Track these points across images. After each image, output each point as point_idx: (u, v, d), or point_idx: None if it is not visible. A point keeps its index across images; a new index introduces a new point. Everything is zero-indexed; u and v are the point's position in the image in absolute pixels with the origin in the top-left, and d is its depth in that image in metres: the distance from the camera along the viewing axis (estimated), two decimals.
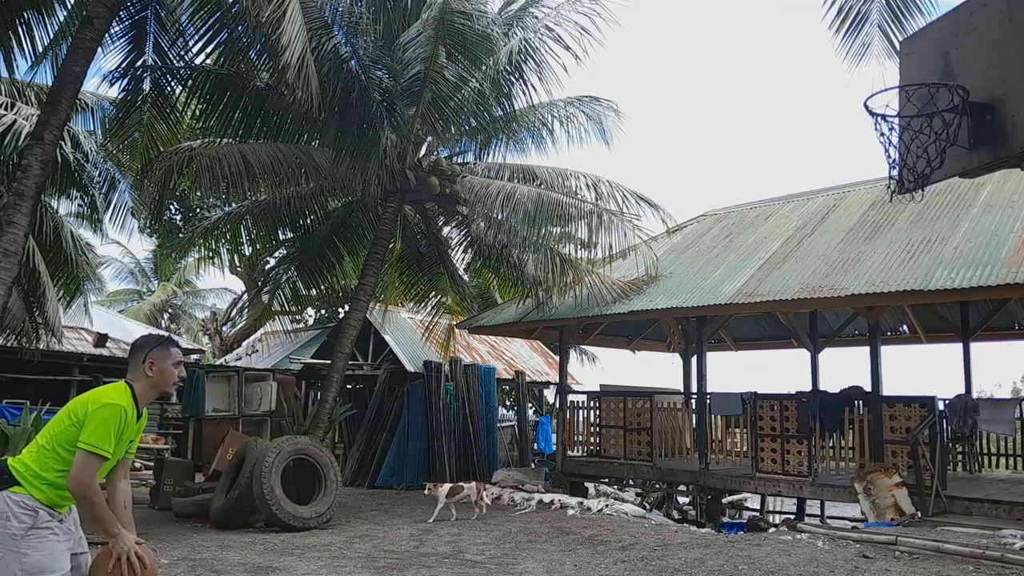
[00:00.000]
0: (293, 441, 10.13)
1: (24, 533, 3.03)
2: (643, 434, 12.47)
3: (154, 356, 3.35)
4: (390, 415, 15.52)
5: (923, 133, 4.44)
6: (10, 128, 10.18)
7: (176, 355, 3.41)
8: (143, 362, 3.34)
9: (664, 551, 7.61)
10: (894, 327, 15.27)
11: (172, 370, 3.38)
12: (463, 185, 12.51)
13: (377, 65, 11.37)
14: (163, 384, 3.37)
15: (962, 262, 9.36)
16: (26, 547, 3.03)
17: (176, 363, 3.40)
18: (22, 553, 3.02)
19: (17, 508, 3.05)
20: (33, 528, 3.05)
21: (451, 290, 14.60)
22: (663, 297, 11.85)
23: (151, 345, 3.39)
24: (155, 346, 3.38)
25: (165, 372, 3.35)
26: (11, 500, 3.06)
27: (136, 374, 3.34)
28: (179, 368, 3.42)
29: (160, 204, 12.17)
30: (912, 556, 6.96)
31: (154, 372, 3.33)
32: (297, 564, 7.16)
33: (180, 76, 10.82)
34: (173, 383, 3.42)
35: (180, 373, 3.43)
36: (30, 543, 3.04)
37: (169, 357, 3.38)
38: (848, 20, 8.02)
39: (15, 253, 7.61)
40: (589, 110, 13.44)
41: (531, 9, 12.56)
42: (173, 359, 3.39)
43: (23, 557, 3.01)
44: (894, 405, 10.11)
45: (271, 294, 14.42)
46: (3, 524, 3.03)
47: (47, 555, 3.07)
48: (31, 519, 3.06)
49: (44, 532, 3.08)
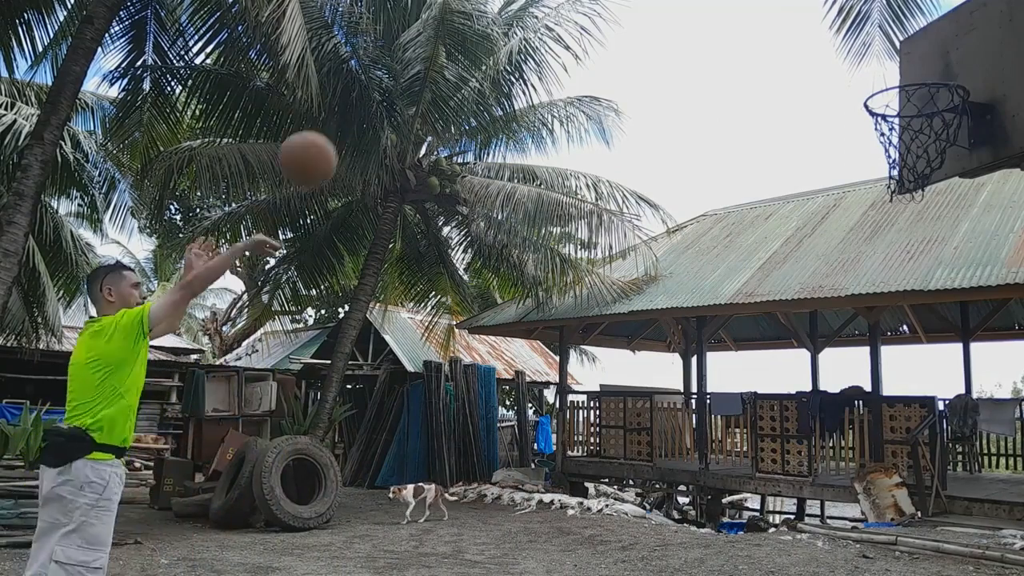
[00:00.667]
0: (293, 441, 10.14)
1: (94, 504, 3.11)
2: (643, 434, 12.47)
3: (109, 282, 3.40)
4: (390, 415, 15.52)
5: (923, 133, 4.44)
6: (10, 128, 10.18)
7: (131, 277, 3.47)
8: (101, 290, 3.40)
9: (664, 551, 7.60)
10: (894, 327, 15.27)
11: (131, 290, 3.43)
12: (463, 185, 12.51)
13: (377, 65, 11.38)
14: (126, 307, 3.38)
15: (962, 262, 9.36)
16: (94, 518, 3.11)
17: (133, 284, 3.45)
18: (90, 523, 3.10)
19: (94, 477, 3.12)
20: (102, 499, 3.14)
21: (451, 290, 14.60)
22: (663, 297, 11.85)
23: (104, 273, 3.46)
24: (108, 272, 3.46)
25: (124, 294, 3.40)
26: (91, 469, 3.13)
27: (100, 305, 3.41)
28: (138, 288, 3.46)
29: (160, 204, 12.18)
30: (912, 556, 6.96)
31: (114, 296, 3.39)
32: (297, 564, 7.15)
33: (180, 76, 10.82)
34: (136, 303, 3.42)
35: (141, 293, 3.48)
36: (98, 514, 3.13)
37: (123, 280, 3.44)
38: (849, 20, 8.03)
39: (15, 253, 7.61)
40: (589, 110, 13.44)
41: (531, 9, 12.56)
42: (129, 281, 3.44)
43: (89, 527, 3.09)
44: (894, 405, 10.11)
45: (271, 294, 14.42)
46: (78, 492, 3.09)
47: (106, 529, 3.17)
48: (102, 489, 3.14)
49: (109, 505, 3.17)
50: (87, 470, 3.12)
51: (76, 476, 3.10)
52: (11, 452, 9.92)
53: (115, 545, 7.58)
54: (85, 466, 3.12)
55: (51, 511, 3.12)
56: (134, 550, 7.64)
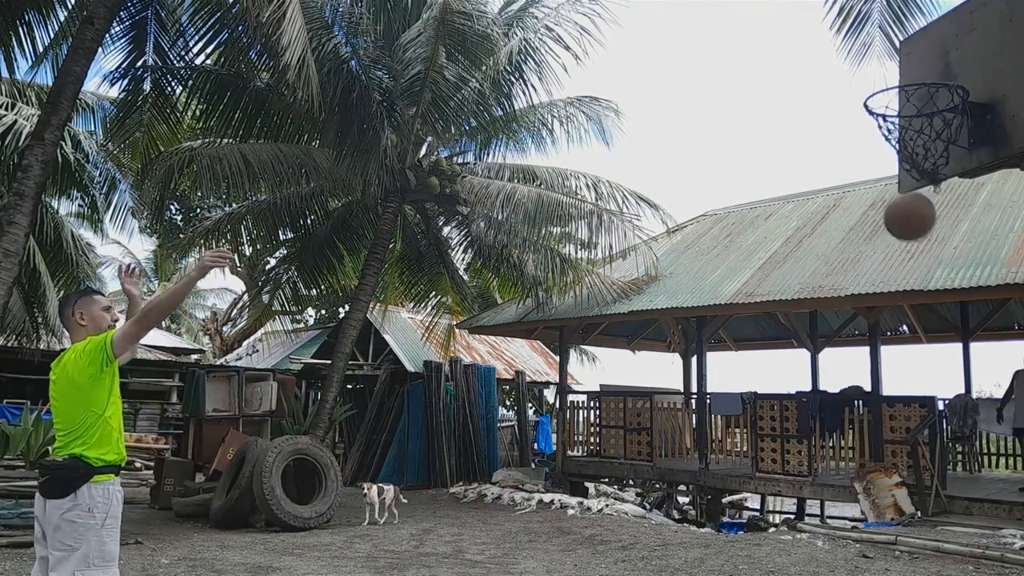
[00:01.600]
0: (293, 441, 10.14)
1: (103, 522, 3.20)
2: (643, 434, 12.48)
3: (80, 306, 3.45)
4: (390, 415, 15.52)
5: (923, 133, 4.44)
6: (11, 128, 10.18)
7: (101, 301, 3.52)
8: (72, 315, 3.45)
9: (664, 551, 7.61)
10: (894, 327, 15.27)
11: (103, 314, 3.48)
12: (463, 185, 12.51)
13: (377, 65, 11.38)
14: (99, 330, 3.42)
15: (962, 262, 9.37)
16: (105, 536, 3.21)
17: (104, 308, 3.49)
18: (102, 542, 3.19)
19: (100, 498, 3.21)
20: (109, 517, 3.23)
21: (451, 290, 14.60)
22: (663, 297, 11.85)
23: (74, 299, 3.52)
24: (78, 298, 3.51)
25: (96, 317, 3.46)
26: (95, 491, 3.21)
27: (74, 330, 3.46)
28: (110, 312, 3.51)
29: (160, 204, 12.19)
30: (912, 556, 6.97)
31: (86, 320, 3.44)
32: (297, 564, 7.16)
33: (180, 76, 10.83)
34: (108, 326, 3.47)
35: (113, 316, 3.52)
36: (108, 532, 3.22)
37: (94, 304, 3.49)
38: (849, 20, 8.02)
39: (15, 253, 7.62)
40: (589, 110, 13.44)
41: (531, 9, 12.56)
42: (99, 305, 3.49)
43: (102, 546, 3.19)
44: (894, 405, 10.12)
45: (271, 294, 14.42)
46: (88, 515, 3.18)
47: (115, 544, 3.27)
48: (108, 508, 3.23)
49: (115, 522, 3.26)
50: (93, 492, 3.22)
51: (83, 501, 3.20)
52: (11, 452, 9.92)
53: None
54: (90, 489, 3.22)
55: (60, 538, 3.19)
56: (135, 550, 7.65)
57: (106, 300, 3.57)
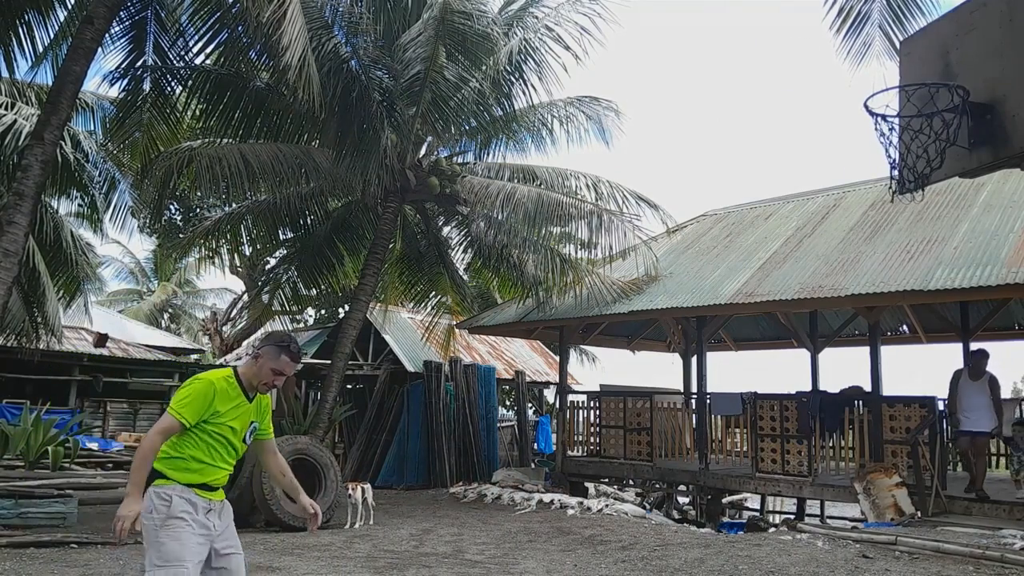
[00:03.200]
0: (293, 441, 10.14)
1: (163, 523, 3.22)
2: (643, 434, 12.47)
3: (266, 352, 3.49)
4: (390, 415, 15.53)
5: (923, 133, 4.44)
6: (10, 128, 10.18)
7: (283, 363, 3.48)
8: (259, 349, 3.52)
9: (664, 551, 7.60)
10: (894, 327, 15.26)
11: (268, 372, 3.47)
12: (463, 185, 12.51)
13: (377, 65, 11.38)
14: (256, 378, 3.47)
15: (962, 262, 9.36)
16: (164, 536, 3.21)
17: (275, 369, 3.47)
18: (160, 543, 3.21)
19: (157, 500, 3.25)
20: (169, 518, 3.23)
21: (451, 290, 14.60)
22: (663, 297, 11.85)
23: (272, 342, 3.53)
24: (273, 344, 3.51)
25: (262, 370, 3.47)
26: (153, 493, 3.26)
27: (247, 360, 3.52)
28: (278, 377, 3.49)
29: (160, 204, 12.18)
30: (912, 556, 6.96)
31: (258, 364, 3.48)
32: (297, 564, 7.15)
33: (180, 76, 10.83)
34: (263, 383, 3.49)
35: (276, 381, 3.50)
36: (168, 532, 3.22)
37: (275, 360, 3.47)
38: (849, 20, 8.02)
39: (15, 253, 7.61)
40: (589, 110, 13.44)
41: (531, 9, 12.56)
42: (278, 364, 3.47)
43: (161, 546, 3.20)
44: (894, 405, 10.11)
45: (271, 294, 14.42)
46: (148, 517, 3.23)
47: (180, 543, 3.23)
48: (166, 508, 3.24)
49: (178, 522, 3.24)
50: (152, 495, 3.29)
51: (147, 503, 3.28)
52: (11, 452, 9.92)
53: (115, 545, 7.62)
54: (152, 491, 3.30)
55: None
56: (135, 550, 7.64)
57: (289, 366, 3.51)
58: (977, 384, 9.25)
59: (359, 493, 9.79)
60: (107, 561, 6.96)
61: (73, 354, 16.08)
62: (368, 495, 9.88)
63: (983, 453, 9.30)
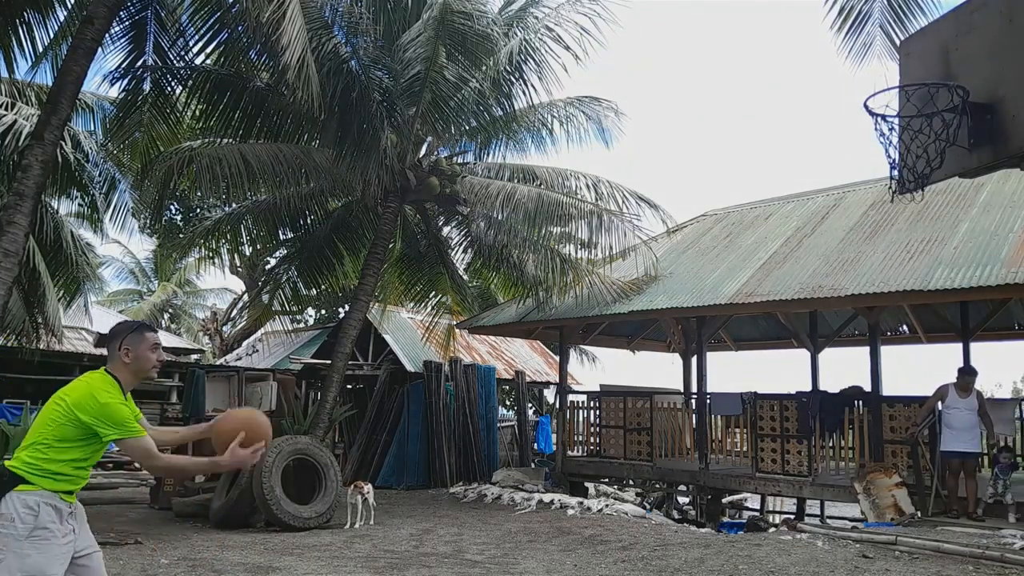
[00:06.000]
0: (293, 441, 10.14)
1: (28, 534, 3.05)
2: (643, 434, 12.47)
3: (129, 342, 3.33)
4: (390, 415, 15.52)
5: (923, 133, 4.44)
6: (10, 128, 10.17)
7: (151, 339, 3.38)
8: (119, 349, 3.33)
9: (664, 551, 7.61)
10: (894, 327, 15.26)
11: (149, 355, 3.36)
12: (463, 185, 12.51)
13: (377, 65, 11.37)
14: (142, 370, 3.34)
15: (962, 262, 9.36)
16: (29, 548, 3.05)
17: (152, 347, 3.37)
18: (24, 554, 3.04)
19: (22, 509, 3.06)
20: (36, 528, 3.06)
21: (451, 290, 14.60)
22: (663, 297, 11.84)
23: (125, 332, 3.37)
24: (129, 332, 3.37)
25: (141, 357, 3.33)
26: (16, 500, 3.07)
27: (115, 363, 3.33)
28: (156, 352, 3.39)
29: (160, 204, 12.17)
30: (912, 556, 6.96)
31: (131, 358, 3.31)
32: (297, 564, 7.16)
33: (180, 76, 10.82)
34: (152, 367, 3.38)
35: (159, 357, 3.40)
36: (33, 544, 3.06)
37: (144, 342, 3.35)
38: (849, 20, 8.02)
39: (15, 253, 7.61)
40: (589, 110, 13.45)
41: (531, 9, 12.56)
42: (148, 343, 3.36)
43: (25, 559, 3.03)
44: (894, 405, 10.11)
45: (271, 294, 14.42)
46: (8, 526, 3.04)
47: (46, 558, 3.08)
48: (33, 519, 3.06)
49: (45, 534, 3.09)
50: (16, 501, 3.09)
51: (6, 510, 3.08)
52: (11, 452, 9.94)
53: (115, 545, 7.62)
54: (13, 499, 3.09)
55: None
56: (134, 550, 7.64)
57: (156, 338, 3.42)
58: (965, 402, 8.95)
59: (359, 493, 9.79)
60: (107, 561, 6.94)
61: (73, 354, 16.08)
62: (368, 495, 9.88)
63: (973, 475, 8.94)
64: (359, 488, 9.84)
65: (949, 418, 9.00)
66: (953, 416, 8.95)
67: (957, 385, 9.08)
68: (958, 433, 8.88)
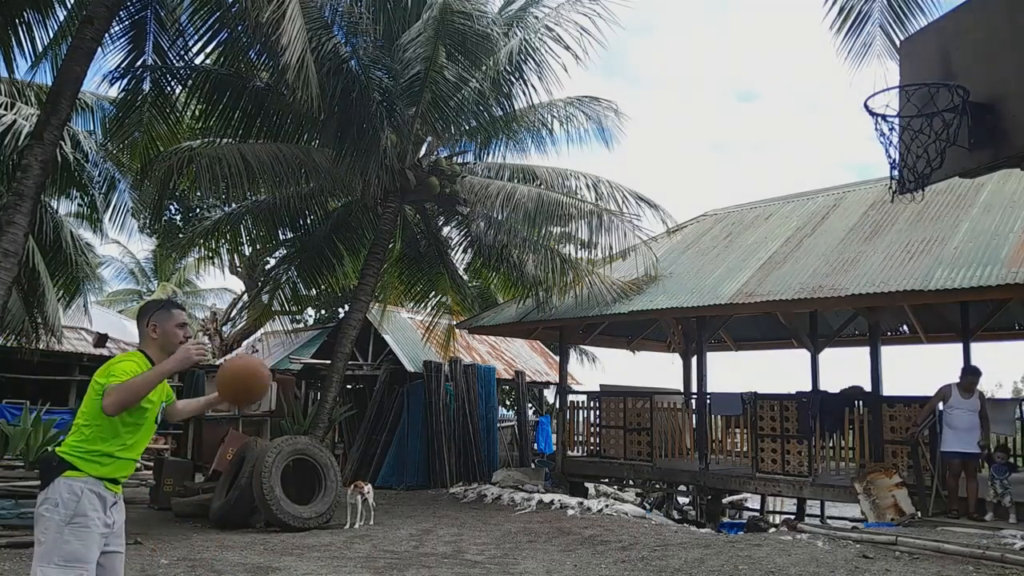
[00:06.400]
0: (293, 441, 10.14)
1: (69, 519, 3.11)
2: (643, 434, 12.47)
3: (156, 319, 3.43)
4: (390, 415, 15.51)
5: (923, 133, 4.44)
6: (10, 128, 10.17)
7: (178, 316, 3.48)
8: (147, 326, 3.44)
9: (664, 551, 7.60)
10: (894, 327, 15.26)
11: (176, 330, 3.44)
12: (463, 185, 12.51)
13: (377, 65, 11.37)
14: (169, 344, 3.41)
15: (962, 262, 9.36)
16: (69, 535, 3.11)
17: (179, 324, 3.46)
18: (64, 540, 3.10)
19: (67, 494, 3.13)
20: (76, 515, 3.12)
21: (451, 290, 14.60)
22: (663, 297, 11.84)
23: (153, 309, 3.49)
24: (157, 309, 3.48)
25: (168, 332, 3.42)
26: (63, 486, 3.14)
27: (144, 341, 3.45)
28: (184, 329, 3.47)
29: (160, 204, 12.18)
30: (912, 556, 6.96)
31: (158, 334, 3.41)
32: (297, 564, 7.15)
33: (180, 76, 10.82)
34: (179, 342, 3.44)
35: (186, 333, 3.48)
36: (73, 531, 3.12)
37: (171, 318, 3.45)
38: (849, 20, 8.01)
39: (15, 253, 7.61)
40: (589, 110, 13.45)
41: (531, 9, 12.56)
42: (175, 320, 3.46)
43: (64, 545, 3.09)
44: (894, 405, 10.11)
45: (271, 294, 14.41)
46: (53, 510, 3.12)
47: (84, 545, 3.14)
48: (75, 505, 3.13)
49: (85, 521, 3.14)
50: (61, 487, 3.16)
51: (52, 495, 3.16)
52: (11, 452, 9.92)
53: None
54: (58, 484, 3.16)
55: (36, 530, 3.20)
56: (134, 550, 7.63)
57: (183, 316, 3.52)
58: (968, 402, 8.91)
59: (359, 493, 9.78)
60: None
61: (73, 354, 16.07)
62: (368, 495, 9.87)
63: (974, 476, 8.88)
64: (359, 488, 9.83)
65: (951, 418, 8.96)
66: (955, 416, 8.91)
67: (960, 385, 9.04)
68: (960, 433, 8.85)
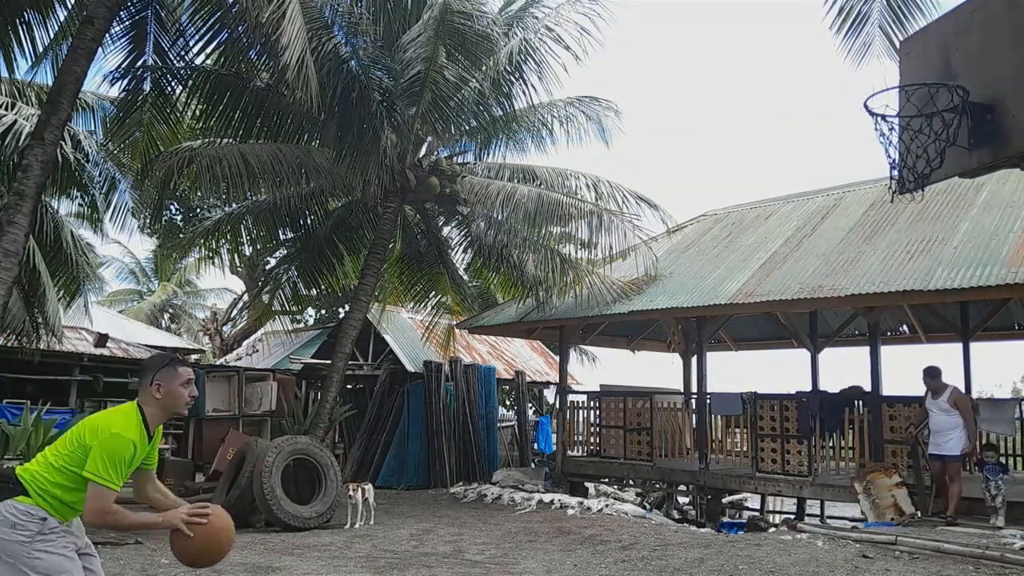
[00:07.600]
0: (293, 441, 10.14)
1: (32, 539, 2.97)
2: (643, 434, 12.47)
3: (161, 377, 3.22)
4: (390, 415, 15.52)
5: (923, 133, 4.44)
6: (10, 128, 10.16)
7: (184, 375, 3.27)
8: (150, 384, 3.22)
9: (664, 551, 7.60)
10: (894, 327, 15.26)
11: (181, 391, 3.25)
12: (463, 185, 12.52)
13: (377, 65, 11.39)
14: (172, 406, 3.25)
15: (962, 262, 9.36)
16: (39, 551, 2.97)
17: (184, 382, 3.27)
18: (35, 558, 2.96)
19: (23, 517, 2.98)
20: (41, 532, 2.99)
21: (451, 290, 14.60)
22: (663, 297, 11.85)
23: (157, 366, 3.27)
24: (161, 367, 3.26)
25: (174, 393, 3.23)
26: (17, 509, 2.98)
27: (145, 396, 3.24)
28: (189, 387, 3.29)
29: (160, 204, 12.20)
30: (912, 556, 6.96)
31: (162, 394, 3.21)
32: (297, 564, 7.15)
33: (180, 76, 10.83)
34: (184, 403, 3.29)
35: (191, 392, 3.30)
36: (43, 546, 2.99)
37: (176, 377, 3.24)
38: (849, 20, 8.03)
39: (15, 253, 7.61)
40: (589, 110, 13.46)
41: (531, 9, 12.57)
42: (181, 379, 3.25)
43: (36, 562, 2.95)
44: (894, 405, 10.11)
45: (271, 294, 14.43)
46: (8, 534, 2.95)
47: (65, 553, 3.03)
48: (37, 526, 2.99)
49: (54, 536, 3.02)
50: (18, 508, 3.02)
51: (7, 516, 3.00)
52: (11, 452, 9.92)
53: (115, 545, 7.62)
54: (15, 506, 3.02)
55: None
56: (134, 550, 7.64)
57: (189, 372, 3.30)
58: (938, 403, 8.86)
59: (360, 493, 9.79)
60: (107, 561, 6.95)
61: (73, 354, 16.05)
62: (369, 495, 9.88)
63: (957, 478, 8.78)
64: (359, 488, 9.84)
65: (930, 420, 9.00)
66: (931, 418, 8.96)
67: (927, 390, 9.04)
68: (934, 435, 8.89)
